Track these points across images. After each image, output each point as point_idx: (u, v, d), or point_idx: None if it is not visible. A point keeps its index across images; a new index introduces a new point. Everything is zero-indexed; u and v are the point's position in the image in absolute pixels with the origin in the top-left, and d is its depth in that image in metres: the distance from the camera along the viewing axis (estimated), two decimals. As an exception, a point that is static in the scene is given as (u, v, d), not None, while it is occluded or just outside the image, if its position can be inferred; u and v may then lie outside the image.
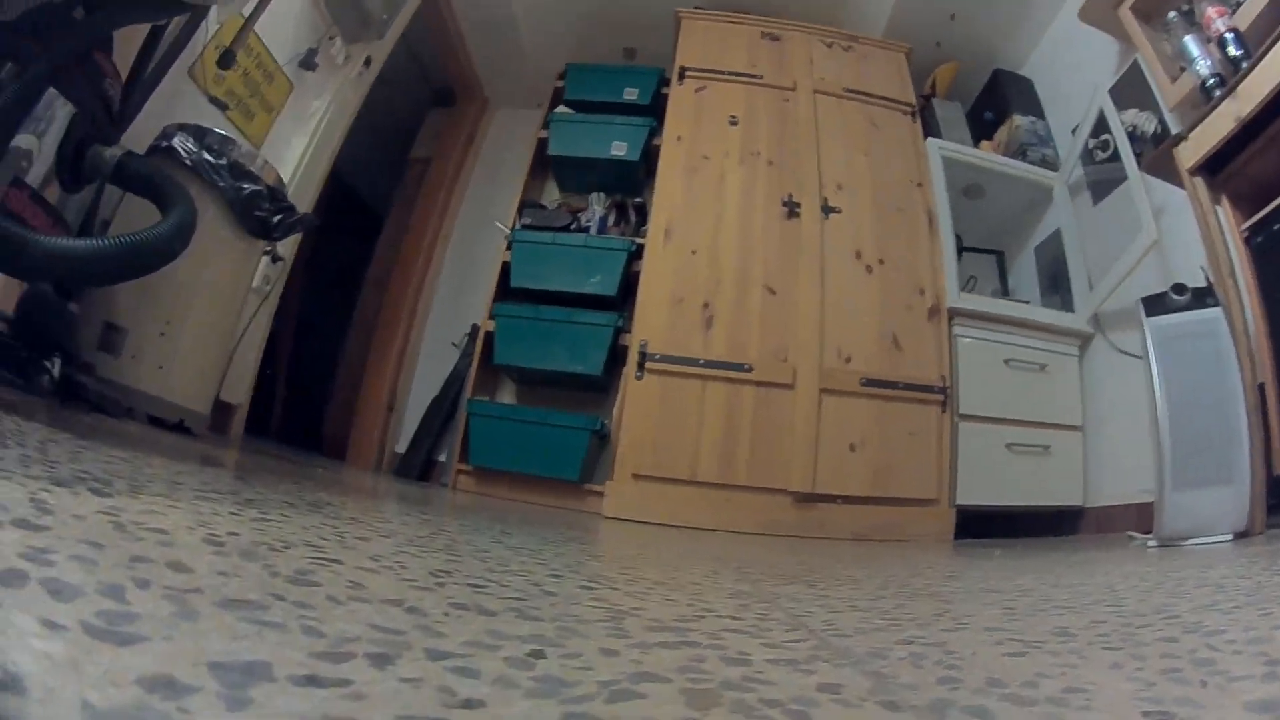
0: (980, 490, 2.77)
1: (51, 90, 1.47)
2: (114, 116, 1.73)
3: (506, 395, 3.44)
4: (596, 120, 3.43)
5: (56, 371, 1.62)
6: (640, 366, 2.67)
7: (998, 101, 3.74)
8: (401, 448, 3.64)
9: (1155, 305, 2.07)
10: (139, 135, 1.92)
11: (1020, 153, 3.52)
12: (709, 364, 2.67)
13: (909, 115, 3.35)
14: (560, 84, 3.71)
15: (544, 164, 3.60)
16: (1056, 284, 3.49)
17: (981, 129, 3.70)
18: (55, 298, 1.70)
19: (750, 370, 2.66)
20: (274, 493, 1.20)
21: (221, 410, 2.59)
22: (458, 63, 3.94)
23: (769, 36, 3.42)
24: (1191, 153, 2.12)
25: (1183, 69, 2.55)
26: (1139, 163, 2.79)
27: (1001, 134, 3.64)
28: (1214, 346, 2.00)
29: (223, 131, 2.07)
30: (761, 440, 2.63)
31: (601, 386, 3.15)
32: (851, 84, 3.30)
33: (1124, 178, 2.92)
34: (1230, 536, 1.87)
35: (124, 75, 1.80)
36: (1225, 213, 2.12)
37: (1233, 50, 2.20)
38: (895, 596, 1.03)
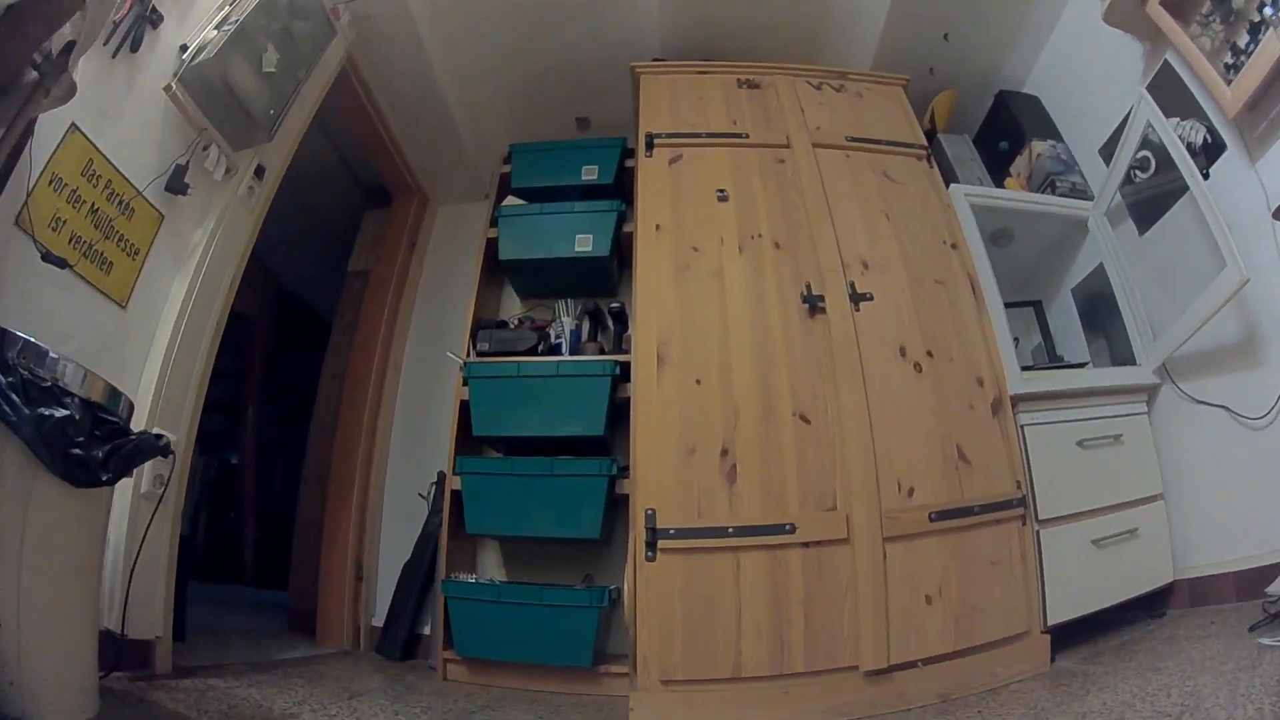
0: (1071, 602, 2.13)
1: None
2: None
3: (491, 559, 2.70)
4: (553, 210, 2.71)
5: None
6: (651, 547, 1.93)
7: (1009, 127, 3.08)
8: (379, 620, 2.88)
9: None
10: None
11: (1049, 185, 2.87)
12: (740, 531, 1.93)
13: (923, 160, 2.67)
14: (507, 169, 2.99)
15: (498, 267, 2.88)
16: (1095, 325, 2.84)
17: (995, 161, 3.04)
18: None
19: (794, 530, 1.93)
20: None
21: (137, 651, 1.86)
22: (387, 156, 3.22)
23: (747, 84, 2.73)
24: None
25: (1231, 66, 2.06)
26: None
27: (1020, 165, 2.99)
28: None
29: (21, 335, 1.33)
30: (818, 613, 1.90)
31: (603, 543, 2.42)
32: (853, 130, 2.61)
33: (1173, 201, 2.38)
34: None
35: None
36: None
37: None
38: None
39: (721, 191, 2.37)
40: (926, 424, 2.10)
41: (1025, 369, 2.39)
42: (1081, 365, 2.66)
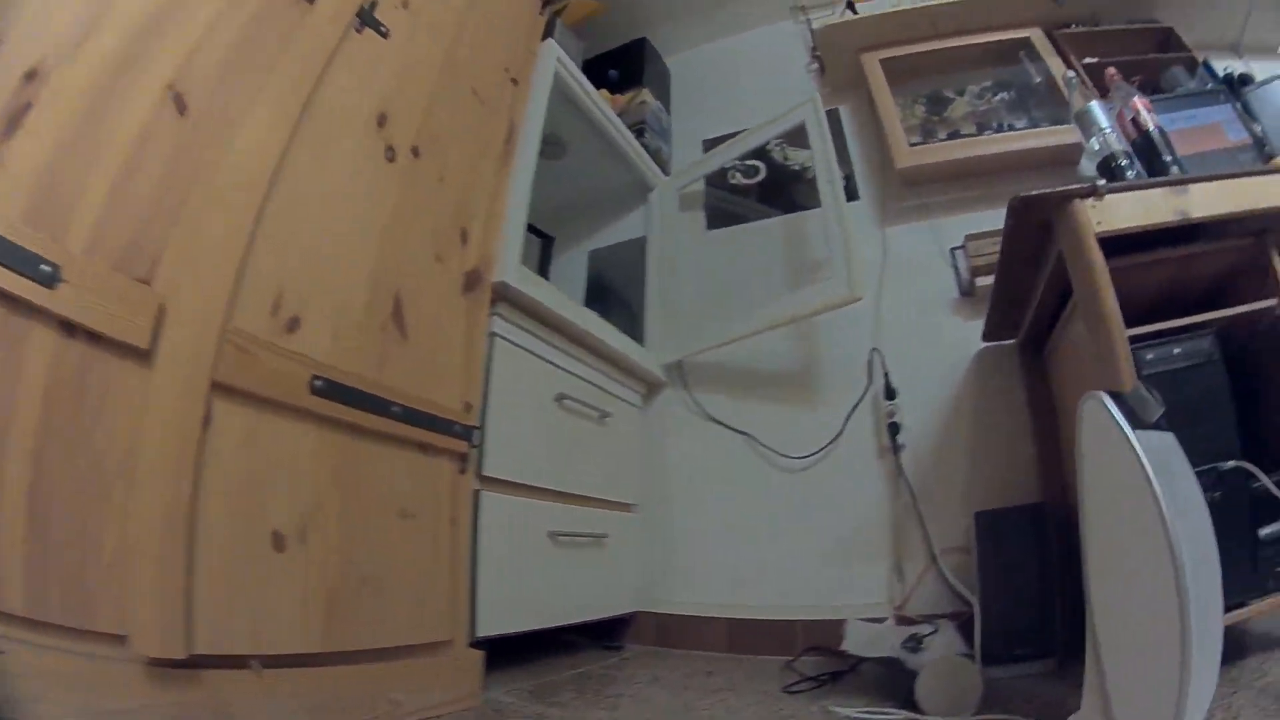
0: (514, 608, 1.40)
1: None
2: None
3: None
4: None
5: None
6: None
7: (631, 68, 2.58)
8: None
9: (1135, 412, 0.89)
10: None
11: (637, 131, 2.41)
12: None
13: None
14: None
15: None
16: (599, 302, 2.40)
17: (597, 83, 2.48)
18: None
19: (56, 281, 0.79)
20: None
21: None
22: None
23: None
24: (1105, 219, 1.19)
25: (916, 144, 2.06)
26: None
27: (620, 102, 2.48)
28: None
29: None
30: (56, 499, 0.78)
31: None
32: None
33: (758, 217, 2.31)
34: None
35: None
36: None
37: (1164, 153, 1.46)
38: None
39: None
40: (365, 236, 1.21)
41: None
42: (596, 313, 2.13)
